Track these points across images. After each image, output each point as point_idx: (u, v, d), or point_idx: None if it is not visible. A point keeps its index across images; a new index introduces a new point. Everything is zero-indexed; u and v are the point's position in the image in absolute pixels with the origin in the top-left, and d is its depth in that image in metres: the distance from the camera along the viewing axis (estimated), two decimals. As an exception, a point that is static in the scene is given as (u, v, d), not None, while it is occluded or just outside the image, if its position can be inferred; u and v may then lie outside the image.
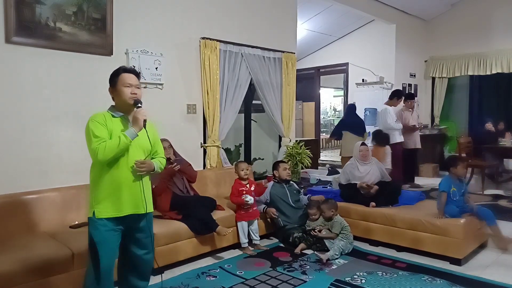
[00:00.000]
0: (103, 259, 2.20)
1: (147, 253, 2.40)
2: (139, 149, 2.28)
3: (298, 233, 3.90)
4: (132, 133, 2.18)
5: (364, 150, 4.36)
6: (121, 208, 2.21)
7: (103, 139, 2.12)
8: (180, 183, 3.84)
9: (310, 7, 7.08)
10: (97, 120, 2.18)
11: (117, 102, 2.29)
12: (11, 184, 3.12)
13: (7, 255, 2.55)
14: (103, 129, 2.16)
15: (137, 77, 2.32)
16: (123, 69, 2.31)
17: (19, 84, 3.21)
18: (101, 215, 2.19)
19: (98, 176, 2.20)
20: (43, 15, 3.24)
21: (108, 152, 2.10)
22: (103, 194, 2.19)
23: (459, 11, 8.08)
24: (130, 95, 2.24)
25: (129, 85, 2.25)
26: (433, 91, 8.74)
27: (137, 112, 2.22)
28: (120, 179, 2.20)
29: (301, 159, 5.42)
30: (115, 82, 2.27)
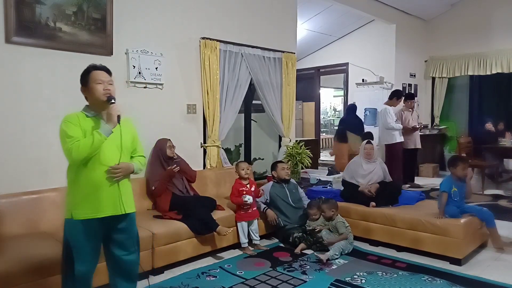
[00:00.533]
0: (78, 264, 2.14)
1: (128, 254, 2.32)
2: (115, 148, 2.21)
3: (298, 233, 3.90)
4: (106, 130, 2.12)
5: (369, 148, 4.36)
6: (99, 209, 2.15)
7: (76, 138, 2.07)
8: (180, 183, 3.84)
9: (310, 7, 7.08)
10: (70, 120, 2.14)
11: (91, 100, 2.23)
12: (11, 184, 3.12)
13: (7, 255, 2.55)
14: (77, 129, 2.11)
15: (108, 73, 2.25)
16: (92, 66, 2.25)
17: (19, 84, 3.21)
18: (79, 217, 2.13)
19: (75, 177, 2.16)
20: (43, 15, 3.24)
21: (82, 151, 2.05)
22: (80, 195, 2.14)
23: (459, 11, 8.08)
24: (103, 91, 2.17)
25: (101, 81, 2.19)
26: (433, 91, 8.74)
27: (111, 108, 2.15)
28: (98, 179, 2.14)
29: (301, 159, 5.42)
30: (86, 80, 2.21)
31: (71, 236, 2.16)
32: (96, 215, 2.15)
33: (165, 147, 3.83)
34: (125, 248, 2.31)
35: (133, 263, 2.37)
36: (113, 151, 2.20)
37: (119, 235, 2.28)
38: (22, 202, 3.07)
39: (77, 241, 2.15)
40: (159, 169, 3.79)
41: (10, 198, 3.03)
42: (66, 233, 2.18)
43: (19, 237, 2.90)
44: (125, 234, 2.29)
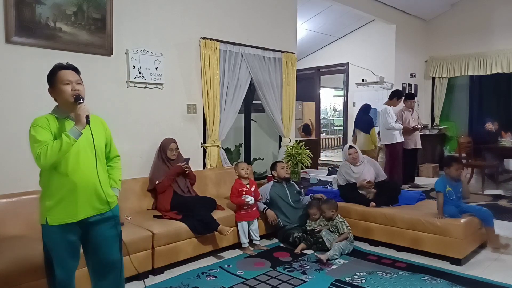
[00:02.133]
0: (58, 269, 2.07)
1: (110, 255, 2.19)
2: (87, 150, 2.10)
3: (298, 233, 3.90)
4: (75, 131, 1.98)
5: (353, 153, 4.37)
6: (74, 212, 2.06)
7: (45, 142, 1.96)
8: (182, 183, 3.85)
9: (310, 7, 7.08)
10: (39, 124, 2.02)
11: (60, 102, 2.12)
12: (11, 184, 3.12)
13: (7, 255, 2.55)
14: (46, 133, 2.01)
15: (76, 72, 2.14)
16: (59, 66, 2.14)
17: (19, 84, 3.21)
18: (54, 222, 2.04)
19: (48, 181, 2.07)
20: (43, 15, 3.24)
21: (50, 156, 1.94)
22: (54, 200, 2.05)
23: (459, 11, 8.08)
24: (71, 92, 2.06)
25: (68, 82, 2.07)
26: (433, 91, 8.74)
27: (78, 108, 2.02)
28: (72, 182, 2.04)
29: (301, 159, 5.42)
30: (53, 81, 2.10)
31: (49, 242, 2.09)
32: (71, 219, 2.07)
33: (167, 148, 3.85)
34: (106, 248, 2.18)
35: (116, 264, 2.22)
36: (86, 153, 2.09)
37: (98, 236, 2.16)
38: (22, 202, 3.06)
39: (55, 246, 2.08)
40: (162, 166, 3.81)
41: (10, 198, 3.03)
42: (44, 239, 2.11)
43: (19, 237, 2.90)
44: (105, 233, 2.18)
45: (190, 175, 3.93)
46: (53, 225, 2.06)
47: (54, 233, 2.07)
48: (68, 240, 2.10)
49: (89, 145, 2.11)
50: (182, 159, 3.93)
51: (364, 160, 4.41)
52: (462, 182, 3.79)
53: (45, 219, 2.08)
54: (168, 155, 3.83)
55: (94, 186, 2.10)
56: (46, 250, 2.11)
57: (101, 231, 2.17)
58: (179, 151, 3.95)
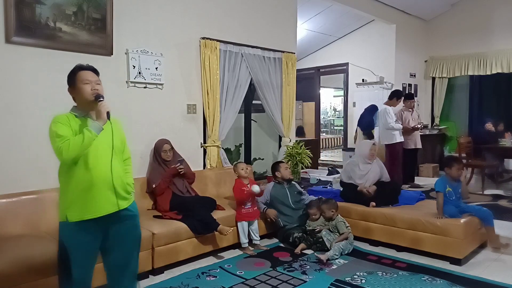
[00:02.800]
0: (75, 269, 2.07)
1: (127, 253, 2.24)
2: (106, 146, 2.15)
3: (298, 233, 3.90)
4: (97, 126, 2.06)
5: (374, 149, 4.34)
6: (94, 209, 2.07)
7: (66, 137, 2.02)
8: (180, 183, 3.84)
9: (310, 7, 7.08)
10: (59, 120, 2.09)
11: (79, 101, 2.19)
12: (11, 184, 3.12)
13: (7, 255, 2.55)
14: (67, 128, 2.06)
15: (95, 73, 2.22)
16: (79, 67, 2.22)
17: (19, 84, 3.21)
18: (74, 219, 2.05)
19: (67, 177, 2.09)
20: (43, 15, 3.24)
21: (72, 149, 1.99)
22: (73, 196, 2.06)
23: (459, 11, 8.08)
24: (91, 91, 2.13)
25: (88, 81, 2.15)
26: (433, 91, 8.74)
27: (99, 105, 2.10)
28: (90, 179, 2.06)
29: (301, 159, 5.42)
30: (73, 81, 2.18)
31: (67, 240, 2.09)
32: (91, 215, 2.07)
33: (160, 150, 3.84)
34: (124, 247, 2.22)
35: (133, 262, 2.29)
36: (104, 149, 2.14)
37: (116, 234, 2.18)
38: (22, 202, 3.06)
39: (74, 244, 2.08)
40: (158, 168, 3.81)
41: (10, 198, 3.03)
42: (62, 236, 2.11)
43: (19, 237, 2.90)
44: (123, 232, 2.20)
45: (187, 174, 3.91)
46: (73, 222, 2.06)
47: (74, 230, 2.07)
48: (88, 238, 2.10)
49: (108, 142, 2.16)
50: (177, 158, 3.92)
51: (374, 159, 4.40)
52: (461, 182, 3.79)
53: (65, 216, 2.08)
54: (162, 157, 3.82)
55: (112, 182, 2.13)
56: (62, 249, 2.11)
57: (119, 229, 2.19)
58: (174, 151, 3.92)
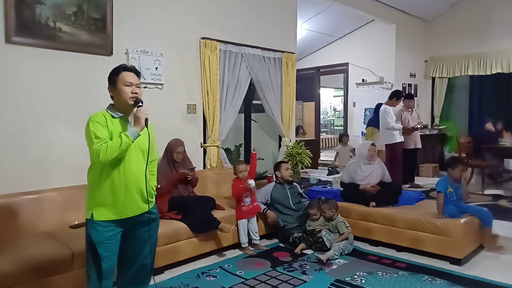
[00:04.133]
0: (105, 259, 2.14)
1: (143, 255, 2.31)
2: (139, 151, 2.21)
3: (298, 233, 3.90)
4: (134, 132, 2.11)
5: (373, 150, 4.34)
6: (121, 210, 2.15)
7: (104, 140, 2.06)
8: (184, 189, 3.81)
9: (310, 7, 7.08)
10: (98, 120, 2.11)
11: (117, 101, 2.21)
12: (11, 184, 3.12)
13: (7, 255, 2.55)
14: (104, 130, 2.10)
15: (137, 76, 2.24)
16: (123, 67, 2.23)
17: (19, 84, 3.21)
18: (100, 218, 2.13)
19: (98, 178, 2.14)
20: (43, 15, 3.24)
21: (110, 153, 2.03)
22: (102, 196, 2.13)
23: (459, 11, 8.08)
24: (131, 94, 2.16)
25: (129, 84, 2.17)
26: (433, 91, 8.74)
27: (138, 111, 2.15)
28: (123, 181, 2.13)
29: (301, 159, 5.42)
30: (115, 80, 2.19)
31: (94, 236, 2.14)
32: (118, 216, 2.15)
33: (174, 150, 3.77)
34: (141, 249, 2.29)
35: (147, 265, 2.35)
36: (137, 154, 2.20)
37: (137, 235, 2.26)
38: (22, 202, 3.06)
39: (101, 239, 2.14)
40: (165, 168, 3.76)
41: (10, 198, 3.02)
42: (89, 233, 2.16)
43: (19, 237, 2.90)
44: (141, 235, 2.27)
45: (192, 182, 3.88)
46: (98, 220, 2.12)
47: (100, 228, 2.13)
48: (111, 234, 2.16)
49: (140, 148, 2.21)
50: (188, 162, 3.89)
51: (375, 160, 4.39)
52: (461, 184, 3.78)
53: (91, 213, 2.14)
54: (174, 158, 3.78)
55: (140, 186, 2.20)
56: (90, 243, 2.15)
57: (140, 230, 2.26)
58: (186, 154, 3.89)
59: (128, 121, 2.22)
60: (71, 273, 2.67)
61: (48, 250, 2.68)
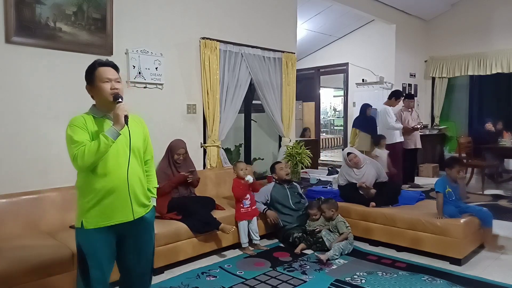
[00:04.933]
0: (93, 271, 2.00)
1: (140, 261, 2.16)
2: (128, 151, 2.02)
3: (298, 233, 3.90)
4: (113, 132, 1.92)
5: (353, 158, 4.31)
6: (110, 216, 1.99)
7: (82, 143, 1.91)
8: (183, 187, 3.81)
9: (310, 7, 7.08)
10: (76, 124, 1.97)
11: (98, 100, 2.06)
12: (11, 184, 3.13)
13: (7, 255, 2.55)
14: (83, 133, 1.95)
15: (115, 70, 2.09)
16: (99, 63, 2.07)
17: (19, 84, 3.21)
18: (90, 226, 1.97)
19: (85, 183, 1.98)
20: (43, 15, 3.24)
21: (88, 157, 1.88)
22: (91, 202, 1.97)
23: (459, 11, 8.08)
24: (110, 90, 2.00)
25: (107, 80, 2.01)
26: (433, 91, 8.74)
27: (117, 108, 1.96)
28: (107, 185, 1.97)
29: (301, 159, 5.42)
30: (92, 79, 2.03)
31: (84, 245, 2.01)
32: (107, 223, 1.99)
33: (175, 152, 3.77)
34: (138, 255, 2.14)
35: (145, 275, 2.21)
36: (126, 155, 2.02)
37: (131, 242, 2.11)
38: (22, 202, 3.07)
39: (90, 249, 2.00)
40: (166, 169, 3.76)
41: (10, 198, 3.03)
42: (79, 242, 2.04)
43: (19, 237, 2.90)
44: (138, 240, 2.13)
45: (193, 183, 3.86)
46: (89, 229, 1.98)
47: (90, 236, 1.99)
48: (104, 243, 2.02)
49: (128, 147, 2.03)
50: (190, 163, 3.89)
51: (366, 161, 4.39)
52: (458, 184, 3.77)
53: (81, 222, 1.99)
54: (175, 159, 3.77)
55: (132, 189, 2.03)
56: (80, 253, 2.04)
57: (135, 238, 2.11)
58: (187, 155, 3.88)
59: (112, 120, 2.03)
60: (71, 273, 2.66)
61: (48, 250, 2.68)
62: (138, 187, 2.09)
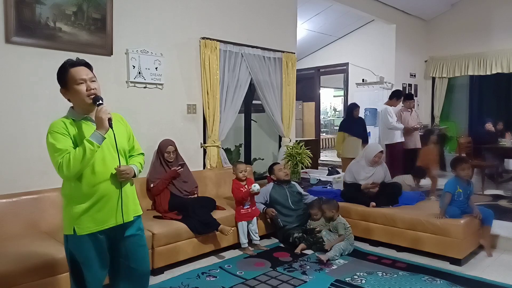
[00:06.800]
0: (89, 278, 1.96)
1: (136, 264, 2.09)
2: (110, 153, 1.97)
3: (298, 233, 3.90)
4: (98, 137, 1.85)
5: (378, 157, 4.24)
6: (102, 220, 1.94)
7: (65, 150, 1.82)
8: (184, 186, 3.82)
9: (310, 7, 7.08)
10: (56, 130, 1.87)
11: (75, 103, 1.97)
12: (11, 184, 3.13)
13: (7, 255, 2.55)
14: (65, 139, 1.86)
15: (88, 68, 1.98)
16: (69, 63, 1.96)
17: (19, 84, 3.21)
18: (83, 232, 1.91)
19: (74, 188, 1.91)
20: (43, 15, 3.24)
21: (73, 165, 1.81)
22: (81, 208, 1.91)
23: (459, 11, 8.08)
24: (87, 92, 1.90)
25: (82, 80, 1.90)
26: (433, 91, 8.74)
27: (99, 111, 1.88)
28: (100, 188, 1.92)
29: (301, 159, 5.42)
30: (65, 81, 1.93)
31: (77, 252, 1.96)
32: (100, 227, 1.95)
33: (164, 150, 3.83)
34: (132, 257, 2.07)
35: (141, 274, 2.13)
36: (113, 157, 1.97)
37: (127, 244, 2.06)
38: (22, 202, 3.07)
39: (84, 256, 1.96)
40: (159, 168, 3.80)
41: (10, 198, 3.03)
42: (71, 249, 1.98)
43: (19, 237, 2.90)
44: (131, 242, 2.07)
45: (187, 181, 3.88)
46: (82, 235, 1.93)
47: (83, 243, 1.94)
48: (97, 249, 1.97)
49: (112, 148, 1.97)
50: (180, 160, 3.92)
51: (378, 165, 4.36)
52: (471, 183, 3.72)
53: (73, 228, 1.93)
54: (165, 158, 3.81)
55: (123, 191, 1.99)
56: (72, 261, 1.99)
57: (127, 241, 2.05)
58: (177, 152, 3.93)
59: (94, 120, 1.97)
60: (71, 273, 2.66)
61: (48, 250, 2.68)
62: (128, 189, 2.05)
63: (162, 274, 3.26)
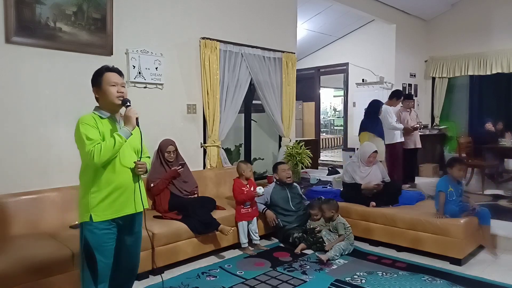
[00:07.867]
0: (101, 264, 2.17)
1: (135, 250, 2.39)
2: (131, 149, 2.27)
3: (298, 233, 3.90)
4: (126, 132, 2.16)
5: (373, 157, 4.27)
6: (119, 209, 2.19)
7: (96, 141, 2.08)
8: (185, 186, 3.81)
9: (310, 7, 7.08)
10: (87, 122, 2.12)
11: (103, 102, 2.25)
12: (11, 184, 3.13)
13: (7, 255, 2.55)
14: (95, 131, 2.12)
15: (120, 76, 2.28)
16: (106, 68, 2.26)
17: (19, 84, 3.21)
18: (99, 219, 2.13)
19: (93, 179, 2.14)
20: (43, 15, 3.24)
21: (104, 154, 2.06)
22: (100, 197, 2.14)
23: (459, 11, 8.08)
24: (117, 94, 2.20)
25: (114, 83, 2.21)
26: (433, 91, 8.73)
27: (128, 110, 2.20)
28: (116, 180, 2.17)
29: (301, 159, 5.42)
30: (99, 82, 2.22)
31: (92, 239, 2.15)
32: (116, 214, 2.18)
33: (164, 150, 3.82)
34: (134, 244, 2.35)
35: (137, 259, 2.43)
36: (130, 153, 2.25)
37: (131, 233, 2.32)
38: (22, 202, 3.07)
39: (99, 242, 2.16)
40: (159, 168, 3.79)
41: (10, 198, 3.03)
42: (86, 236, 2.16)
43: (19, 237, 2.90)
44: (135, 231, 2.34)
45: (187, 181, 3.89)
46: (98, 222, 2.13)
47: (98, 229, 2.14)
48: (109, 235, 2.19)
49: (132, 147, 2.27)
50: (180, 159, 3.91)
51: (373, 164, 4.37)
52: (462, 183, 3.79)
53: (89, 216, 2.13)
54: (166, 158, 3.81)
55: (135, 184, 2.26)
56: (87, 247, 2.16)
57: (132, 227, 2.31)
58: (177, 152, 3.92)
59: (117, 120, 2.27)
60: (71, 273, 2.67)
61: (48, 250, 2.68)
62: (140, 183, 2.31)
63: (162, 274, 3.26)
